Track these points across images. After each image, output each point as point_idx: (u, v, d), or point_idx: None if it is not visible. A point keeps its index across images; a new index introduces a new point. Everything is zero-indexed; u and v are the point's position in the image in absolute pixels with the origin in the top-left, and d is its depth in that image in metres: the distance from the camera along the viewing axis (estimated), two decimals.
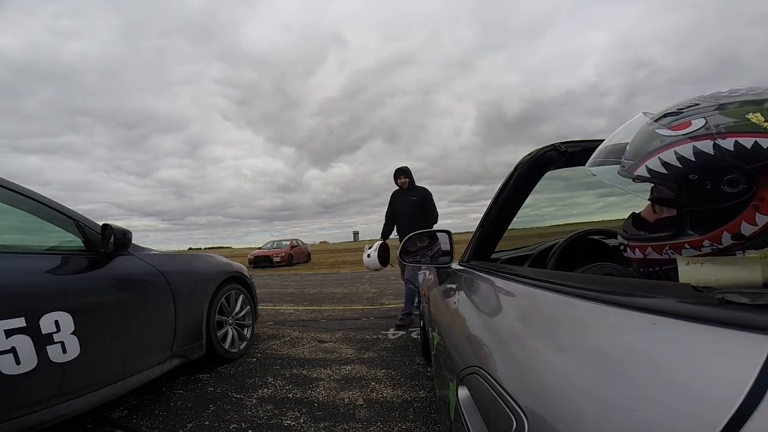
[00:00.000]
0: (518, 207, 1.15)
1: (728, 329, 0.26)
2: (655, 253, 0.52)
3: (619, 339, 0.37)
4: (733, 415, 0.20)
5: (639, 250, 0.55)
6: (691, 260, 0.45)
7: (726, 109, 0.45)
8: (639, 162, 0.50)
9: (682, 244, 0.48)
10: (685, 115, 0.48)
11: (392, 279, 7.82)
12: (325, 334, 3.35)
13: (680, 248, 0.49)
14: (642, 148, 0.51)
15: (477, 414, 0.53)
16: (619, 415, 0.29)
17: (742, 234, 0.43)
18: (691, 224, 0.48)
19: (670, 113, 0.51)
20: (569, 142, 1.04)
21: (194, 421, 1.76)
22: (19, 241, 1.60)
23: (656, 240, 0.52)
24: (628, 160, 0.53)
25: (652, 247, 0.53)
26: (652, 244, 0.53)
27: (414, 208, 3.45)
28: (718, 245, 0.45)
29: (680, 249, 0.49)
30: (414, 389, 2.05)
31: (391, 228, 3.66)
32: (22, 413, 1.26)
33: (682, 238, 0.48)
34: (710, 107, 0.47)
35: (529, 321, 0.58)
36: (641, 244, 0.55)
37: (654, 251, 0.52)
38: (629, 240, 0.58)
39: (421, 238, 1.38)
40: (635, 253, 0.56)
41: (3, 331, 1.19)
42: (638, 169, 0.50)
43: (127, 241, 1.77)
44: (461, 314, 0.91)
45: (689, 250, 0.48)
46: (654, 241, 0.52)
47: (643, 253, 0.54)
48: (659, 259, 0.52)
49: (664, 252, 0.51)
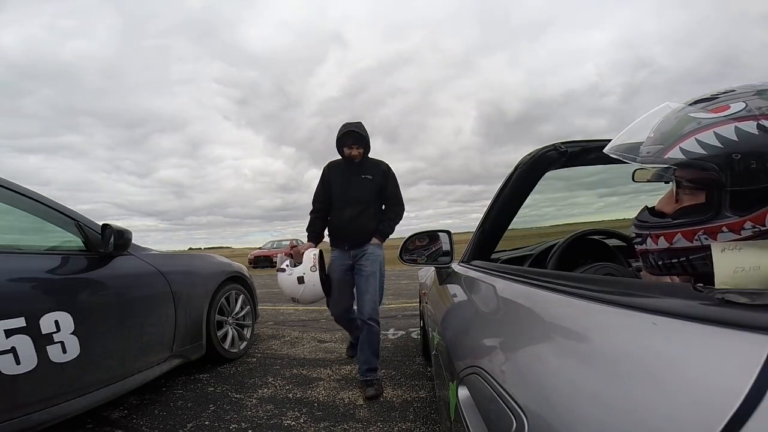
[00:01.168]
0: (518, 207, 1.15)
1: (728, 329, 0.26)
2: (685, 240, 0.49)
3: (619, 339, 0.37)
4: (733, 415, 0.20)
5: (664, 239, 0.51)
6: (728, 245, 0.42)
7: (766, 94, 0.45)
8: (671, 144, 0.49)
9: (719, 228, 0.45)
10: (721, 100, 0.48)
11: (392, 279, 7.81)
12: (325, 334, 3.36)
13: (717, 232, 0.46)
14: (674, 132, 0.49)
15: (477, 414, 0.53)
16: (619, 415, 0.29)
17: None
18: (730, 205, 0.45)
19: (703, 99, 0.50)
20: (569, 142, 1.04)
21: (194, 421, 1.76)
22: (19, 241, 1.60)
23: (689, 225, 0.49)
24: (656, 144, 0.51)
25: (681, 234, 0.49)
26: (683, 230, 0.49)
27: (369, 194, 2.10)
28: (761, 227, 0.43)
29: (716, 233, 0.46)
30: (414, 389, 2.05)
31: (325, 223, 2.22)
32: (22, 413, 1.26)
33: (720, 220, 0.46)
34: (748, 93, 0.46)
35: (529, 321, 0.58)
36: (668, 231, 0.51)
37: (684, 238, 0.49)
38: (651, 228, 0.54)
39: (421, 238, 1.38)
40: (658, 243, 0.52)
41: (3, 331, 1.19)
42: (670, 151, 0.48)
43: (127, 241, 1.77)
44: (461, 314, 0.91)
45: (727, 233, 0.45)
46: (686, 226, 0.49)
47: (670, 242, 0.50)
48: (687, 248, 0.49)
49: (695, 238, 0.48)
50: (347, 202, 2.10)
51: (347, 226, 2.09)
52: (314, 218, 2.19)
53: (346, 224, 2.09)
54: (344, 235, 2.11)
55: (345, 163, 2.14)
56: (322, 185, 2.19)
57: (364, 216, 2.10)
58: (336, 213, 2.14)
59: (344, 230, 2.10)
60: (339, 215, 2.12)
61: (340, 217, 2.11)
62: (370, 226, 2.12)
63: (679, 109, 0.52)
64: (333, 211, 2.15)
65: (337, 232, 2.15)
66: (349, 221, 2.08)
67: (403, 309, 4.41)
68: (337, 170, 2.15)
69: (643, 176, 1.09)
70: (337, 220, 2.13)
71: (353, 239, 2.09)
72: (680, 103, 0.54)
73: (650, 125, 0.54)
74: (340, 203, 2.12)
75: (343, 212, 2.09)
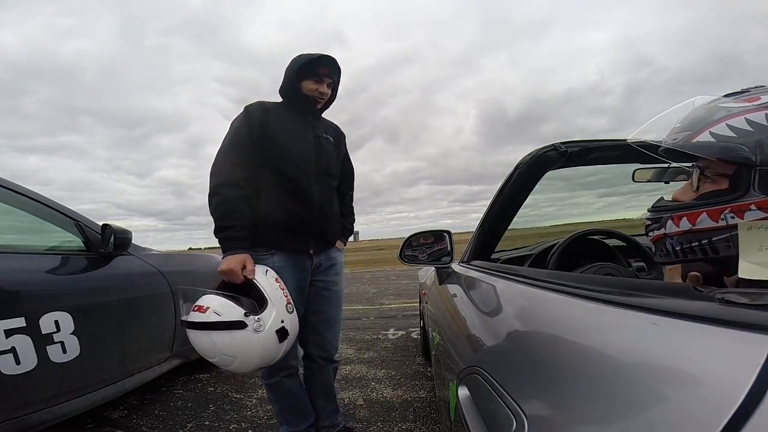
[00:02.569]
0: (518, 207, 1.15)
1: (728, 329, 0.26)
2: (710, 220, 0.49)
3: (619, 339, 0.37)
4: (733, 415, 0.20)
5: (687, 219, 0.51)
6: (754, 224, 0.43)
7: None
8: (700, 130, 0.50)
9: (747, 206, 0.46)
10: (752, 93, 0.50)
11: (392, 279, 7.82)
12: None
13: (744, 210, 0.47)
14: (703, 119, 0.51)
15: (477, 414, 0.53)
16: (618, 415, 0.29)
17: None
18: (759, 185, 0.46)
19: (733, 93, 0.52)
20: (569, 142, 1.04)
21: (194, 421, 1.76)
22: (19, 241, 1.60)
23: (716, 204, 0.49)
24: (683, 131, 0.52)
25: (707, 213, 0.49)
26: (709, 209, 0.49)
27: (337, 165, 1.43)
28: None
29: (744, 211, 0.47)
30: (414, 389, 2.05)
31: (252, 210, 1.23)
32: (22, 413, 1.26)
33: (748, 199, 0.47)
34: None
35: (529, 321, 0.58)
36: (692, 211, 0.51)
37: (709, 218, 0.49)
38: (673, 210, 0.54)
39: (421, 238, 1.38)
40: (679, 225, 0.52)
41: (3, 331, 1.19)
42: (699, 136, 0.50)
43: (127, 241, 1.77)
44: (461, 314, 0.91)
45: (755, 212, 0.46)
46: (713, 205, 0.49)
47: (693, 222, 0.51)
48: (711, 228, 0.49)
49: (721, 218, 0.48)
50: (313, 174, 1.29)
51: (317, 215, 1.29)
52: (236, 198, 1.17)
53: (316, 211, 1.28)
54: (311, 230, 1.29)
55: (298, 109, 1.31)
56: (250, 135, 1.22)
57: (334, 200, 1.40)
58: (293, 189, 1.25)
59: (313, 221, 1.28)
60: (301, 194, 1.26)
61: (303, 197, 1.26)
62: (338, 217, 1.44)
63: (707, 102, 0.53)
64: (281, 185, 1.25)
65: (299, 223, 1.26)
66: (320, 206, 1.30)
67: (403, 309, 4.41)
68: (287, 118, 1.28)
69: (643, 176, 1.09)
70: (297, 202, 1.26)
71: (322, 238, 1.35)
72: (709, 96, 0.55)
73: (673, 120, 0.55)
74: (302, 174, 1.26)
75: (310, 190, 1.27)
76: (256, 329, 1.06)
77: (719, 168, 0.51)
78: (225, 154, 1.23)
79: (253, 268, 1.15)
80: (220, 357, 1.06)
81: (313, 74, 1.27)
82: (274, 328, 1.09)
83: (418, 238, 1.37)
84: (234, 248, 1.15)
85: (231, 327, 1.04)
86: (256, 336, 1.06)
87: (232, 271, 1.12)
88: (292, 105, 1.32)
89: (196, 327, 1.06)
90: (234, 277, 1.12)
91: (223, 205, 1.16)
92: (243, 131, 1.24)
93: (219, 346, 1.05)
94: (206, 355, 1.09)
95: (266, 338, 1.08)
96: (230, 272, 1.12)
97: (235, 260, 1.13)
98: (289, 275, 1.26)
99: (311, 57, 1.26)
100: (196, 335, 1.07)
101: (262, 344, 1.08)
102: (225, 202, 1.16)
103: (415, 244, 1.37)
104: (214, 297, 1.08)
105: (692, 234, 0.51)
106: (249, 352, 1.07)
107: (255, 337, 1.06)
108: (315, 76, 1.28)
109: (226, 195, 1.17)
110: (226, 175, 1.19)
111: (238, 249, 1.15)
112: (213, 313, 1.04)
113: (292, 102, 1.32)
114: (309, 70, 1.27)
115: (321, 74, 1.28)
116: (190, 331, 1.07)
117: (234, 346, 1.06)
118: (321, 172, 1.32)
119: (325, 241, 1.37)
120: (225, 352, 1.06)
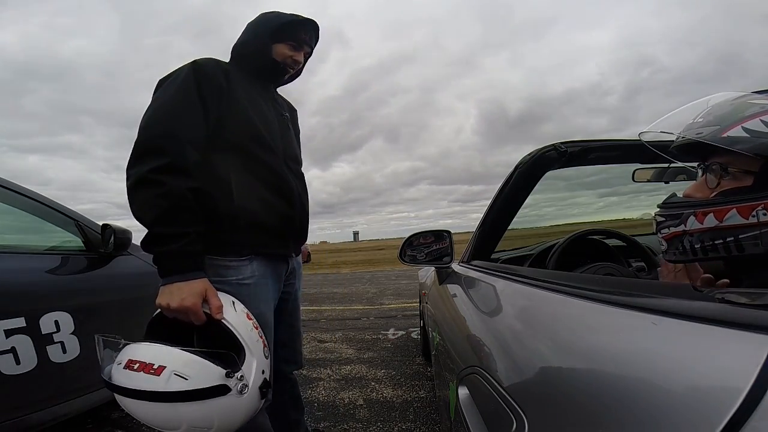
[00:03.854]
0: (518, 207, 1.15)
1: (728, 329, 0.26)
2: (740, 216, 0.47)
3: (619, 339, 0.37)
4: (733, 415, 0.20)
5: (714, 216, 0.49)
6: None
7: None
8: (731, 125, 0.49)
9: None
10: None
11: (392, 279, 7.82)
12: (325, 334, 3.36)
13: None
14: (732, 115, 0.50)
15: (477, 414, 0.53)
16: (619, 415, 0.29)
17: None
18: None
19: (763, 91, 0.53)
20: (569, 142, 1.05)
21: None
22: (19, 241, 1.60)
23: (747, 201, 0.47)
24: (709, 126, 0.51)
25: (737, 210, 0.47)
26: (739, 206, 0.47)
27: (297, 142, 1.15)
28: None
29: None
30: (414, 389, 2.05)
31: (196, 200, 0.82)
32: (22, 413, 1.26)
33: None
34: None
35: (529, 321, 0.58)
36: (720, 207, 0.49)
37: (739, 214, 0.47)
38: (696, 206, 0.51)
39: (421, 238, 1.38)
40: (704, 222, 0.50)
41: (3, 331, 1.19)
42: (731, 130, 0.48)
43: (127, 241, 1.77)
44: (461, 314, 0.91)
45: None
46: (744, 201, 0.47)
47: (720, 219, 0.48)
48: (740, 225, 0.47)
49: (752, 215, 0.46)
50: (289, 158, 1.05)
51: (299, 210, 1.04)
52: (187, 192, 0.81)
53: (297, 204, 1.03)
54: (293, 228, 1.05)
55: (259, 76, 1.04)
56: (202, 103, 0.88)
57: (307, 191, 1.12)
58: (268, 179, 0.98)
59: (294, 217, 1.03)
60: (279, 183, 1.00)
61: (282, 187, 1.00)
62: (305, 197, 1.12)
63: (733, 98, 0.52)
64: (253, 173, 0.95)
65: (280, 220, 0.99)
66: (300, 199, 1.05)
67: (403, 309, 4.41)
68: (249, 88, 0.99)
69: (643, 176, 1.09)
70: (277, 194, 0.99)
71: (301, 237, 1.12)
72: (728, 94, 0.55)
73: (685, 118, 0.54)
74: (276, 159, 0.99)
75: (288, 179, 1.01)
76: (240, 390, 0.74)
77: (745, 164, 0.49)
78: (164, 123, 0.83)
79: (220, 304, 0.79)
80: (187, 428, 0.72)
81: (292, 38, 1.02)
82: (257, 384, 0.78)
83: (418, 238, 1.37)
84: (187, 270, 0.78)
85: (207, 395, 0.70)
86: (239, 400, 0.74)
87: (188, 309, 0.76)
88: (253, 71, 1.02)
89: (141, 397, 0.69)
90: (193, 317, 0.77)
91: (169, 201, 0.77)
92: (193, 95, 0.86)
93: (188, 418, 0.71)
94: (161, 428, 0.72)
95: (251, 399, 0.77)
96: (185, 311, 0.76)
97: (193, 292, 0.77)
98: (271, 288, 0.99)
99: (296, 18, 1.01)
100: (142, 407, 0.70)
101: (246, 407, 0.77)
102: (171, 196, 0.78)
103: (415, 244, 1.37)
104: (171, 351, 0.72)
105: (718, 231, 0.49)
106: (231, 419, 0.76)
107: (239, 401, 0.74)
108: (294, 41, 1.02)
109: (173, 186, 0.78)
110: (172, 156, 0.79)
111: (192, 271, 0.79)
112: (175, 378, 0.68)
113: (252, 66, 1.02)
114: (289, 33, 1.01)
115: (301, 39, 1.04)
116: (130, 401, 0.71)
117: (208, 417, 0.72)
118: (288, 157, 1.04)
119: (302, 241, 1.13)
120: (195, 424, 0.72)
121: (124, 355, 0.73)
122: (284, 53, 1.02)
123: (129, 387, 0.69)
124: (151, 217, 0.78)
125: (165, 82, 0.90)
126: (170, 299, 0.77)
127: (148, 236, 0.79)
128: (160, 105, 0.86)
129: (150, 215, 0.78)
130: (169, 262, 0.79)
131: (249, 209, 0.93)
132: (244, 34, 1.03)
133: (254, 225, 0.94)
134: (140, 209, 0.79)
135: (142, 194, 0.79)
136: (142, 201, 0.79)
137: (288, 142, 1.06)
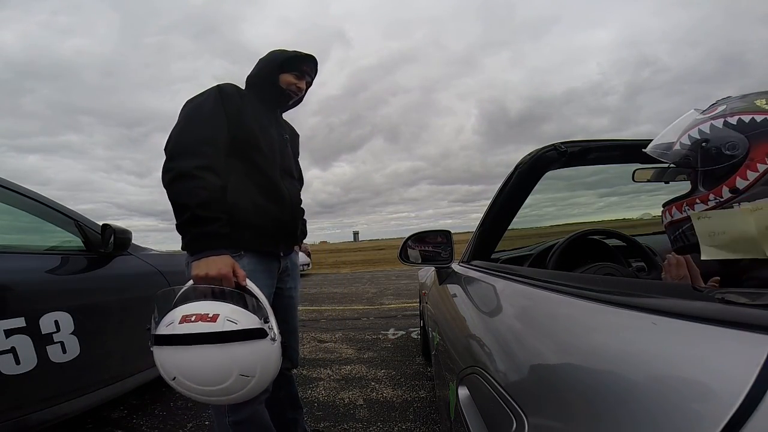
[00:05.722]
0: (518, 207, 1.15)
1: (728, 329, 0.26)
2: (678, 212, 0.63)
3: (619, 339, 0.37)
4: (733, 415, 0.20)
5: (668, 213, 0.66)
6: (701, 214, 0.54)
7: (745, 98, 0.59)
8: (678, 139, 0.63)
9: (694, 200, 0.60)
10: (716, 104, 0.62)
11: (392, 279, 7.82)
12: (325, 334, 3.36)
13: (693, 204, 0.60)
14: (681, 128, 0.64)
15: (477, 414, 0.53)
16: (618, 415, 0.29)
17: (737, 188, 0.55)
18: (702, 183, 0.60)
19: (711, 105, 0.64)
20: (569, 142, 1.05)
21: (194, 421, 1.76)
22: (19, 241, 1.60)
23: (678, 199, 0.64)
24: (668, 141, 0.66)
25: (675, 206, 0.63)
26: (676, 204, 0.64)
27: (297, 167, 1.36)
28: (720, 198, 0.56)
29: (693, 204, 0.60)
30: (414, 389, 2.05)
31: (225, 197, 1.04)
32: (22, 413, 1.26)
33: (694, 194, 0.60)
34: (736, 98, 0.60)
35: (529, 321, 0.58)
36: (669, 205, 0.66)
37: (677, 210, 0.63)
38: (666, 204, 0.67)
39: (421, 238, 1.38)
40: (666, 217, 0.66)
41: (3, 331, 1.19)
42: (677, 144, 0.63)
43: (127, 241, 1.77)
44: (461, 314, 0.91)
45: (699, 204, 0.59)
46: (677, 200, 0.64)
47: (671, 215, 0.65)
48: (681, 219, 0.62)
49: (683, 210, 0.62)
50: (284, 171, 1.22)
51: (290, 213, 1.22)
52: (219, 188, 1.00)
53: (288, 209, 1.20)
54: (283, 230, 1.20)
55: (268, 101, 1.23)
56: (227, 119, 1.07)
57: (301, 199, 1.32)
58: (264, 184, 1.14)
59: (285, 220, 1.20)
60: (273, 189, 1.16)
61: (275, 192, 1.16)
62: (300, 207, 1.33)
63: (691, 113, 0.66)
64: (250, 177, 1.12)
65: (271, 221, 1.14)
66: (292, 204, 1.22)
67: (403, 309, 4.41)
68: (258, 109, 1.17)
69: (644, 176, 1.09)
70: (270, 198, 1.15)
71: (291, 239, 1.27)
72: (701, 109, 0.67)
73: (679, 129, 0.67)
74: (273, 168, 1.16)
75: (282, 186, 1.18)
76: (273, 338, 0.87)
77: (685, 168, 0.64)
78: (202, 130, 1.02)
79: (244, 274, 0.97)
80: (235, 379, 0.82)
81: (295, 69, 1.23)
82: (279, 338, 0.91)
83: (418, 238, 1.37)
84: (219, 246, 0.96)
85: (253, 336, 0.83)
86: (273, 346, 0.87)
87: (224, 275, 0.92)
88: (264, 96, 1.23)
89: (204, 340, 0.79)
90: (226, 282, 0.93)
91: (209, 192, 0.96)
92: (220, 111, 1.07)
93: (239, 362, 0.82)
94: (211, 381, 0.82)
95: (278, 350, 0.90)
96: (221, 277, 0.92)
97: (226, 263, 0.93)
98: (263, 284, 1.08)
99: (298, 53, 1.23)
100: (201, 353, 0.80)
101: (277, 356, 0.90)
102: (210, 189, 0.96)
103: (415, 244, 1.37)
104: (216, 303, 0.86)
105: (673, 225, 0.65)
106: (268, 367, 0.88)
107: (272, 347, 0.87)
108: (297, 71, 1.24)
109: (211, 181, 0.97)
110: (209, 159, 1.00)
111: (222, 249, 0.96)
112: (228, 323, 0.81)
113: (263, 92, 1.23)
114: (292, 65, 1.23)
115: (303, 71, 1.25)
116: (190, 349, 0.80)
117: (254, 361, 0.84)
118: (284, 170, 1.22)
119: (292, 243, 1.28)
120: (243, 371, 0.83)
121: (177, 313, 0.83)
122: (289, 81, 1.22)
123: (193, 332, 0.79)
124: (196, 202, 0.94)
125: (195, 100, 1.09)
126: (208, 269, 0.92)
127: (188, 218, 0.94)
128: (195, 115, 1.06)
129: (195, 201, 0.94)
130: (206, 240, 0.95)
131: (241, 208, 1.08)
132: (256, 67, 1.25)
133: (245, 223, 1.09)
134: (184, 196, 0.95)
135: (187, 184, 0.95)
136: (186, 190, 0.95)
137: (285, 157, 1.24)
